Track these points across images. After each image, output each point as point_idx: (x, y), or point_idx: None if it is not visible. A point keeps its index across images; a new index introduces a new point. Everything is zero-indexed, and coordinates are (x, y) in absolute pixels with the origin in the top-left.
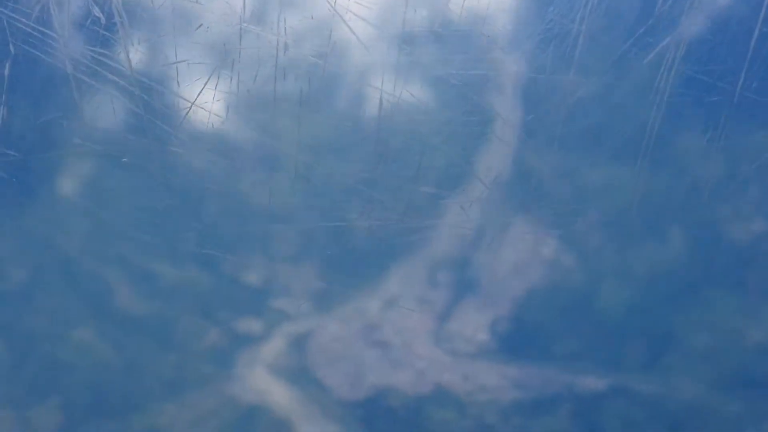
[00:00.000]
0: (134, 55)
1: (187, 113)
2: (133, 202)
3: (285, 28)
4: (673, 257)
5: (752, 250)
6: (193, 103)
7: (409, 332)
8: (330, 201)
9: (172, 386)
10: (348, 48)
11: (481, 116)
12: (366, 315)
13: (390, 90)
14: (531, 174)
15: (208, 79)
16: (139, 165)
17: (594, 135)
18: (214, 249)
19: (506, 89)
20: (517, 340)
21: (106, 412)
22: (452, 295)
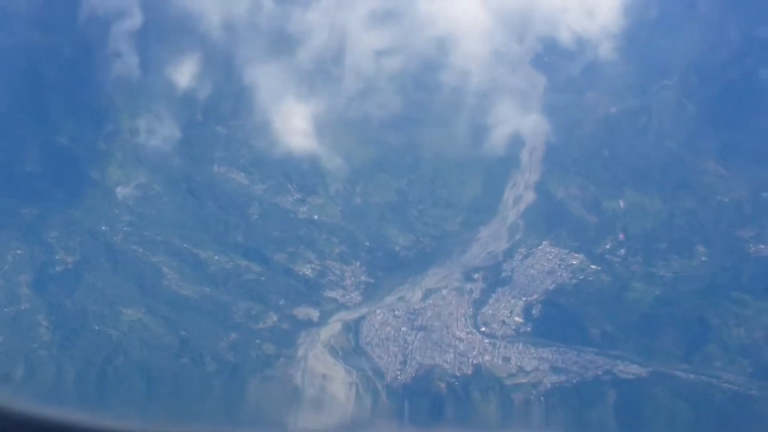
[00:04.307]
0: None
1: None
2: (178, 205)
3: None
4: (700, 266)
5: None
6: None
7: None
8: (366, 218)
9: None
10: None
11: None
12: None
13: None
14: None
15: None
16: (186, 176)
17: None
18: (260, 245)
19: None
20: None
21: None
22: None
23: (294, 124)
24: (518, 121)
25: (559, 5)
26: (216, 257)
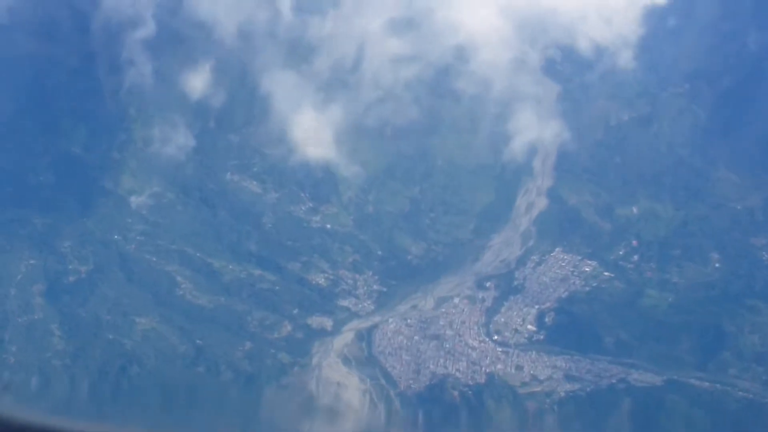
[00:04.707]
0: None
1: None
2: (191, 214)
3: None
4: (714, 273)
5: None
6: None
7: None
8: (379, 227)
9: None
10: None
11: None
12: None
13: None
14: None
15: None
16: (199, 185)
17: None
18: (274, 255)
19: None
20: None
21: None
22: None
23: (307, 132)
24: (531, 128)
25: (578, 14)
26: (230, 266)
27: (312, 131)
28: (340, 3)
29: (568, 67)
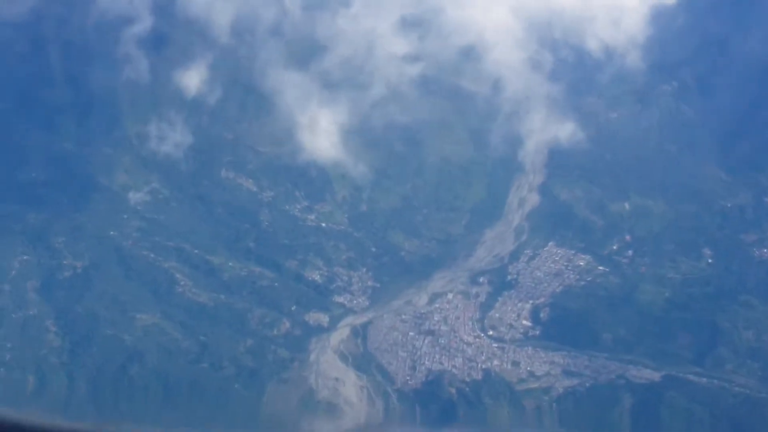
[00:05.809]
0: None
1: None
2: (186, 211)
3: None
4: (707, 268)
5: None
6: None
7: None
8: (373, 225)
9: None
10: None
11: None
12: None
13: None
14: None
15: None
16: (193, 181)
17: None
18: (271, 252)
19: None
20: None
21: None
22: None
23: (305, 130)
24: (522, 125)
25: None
26: (229, 264)
27: (311, 130)
28: (350, 1)
29: (569, 67)
